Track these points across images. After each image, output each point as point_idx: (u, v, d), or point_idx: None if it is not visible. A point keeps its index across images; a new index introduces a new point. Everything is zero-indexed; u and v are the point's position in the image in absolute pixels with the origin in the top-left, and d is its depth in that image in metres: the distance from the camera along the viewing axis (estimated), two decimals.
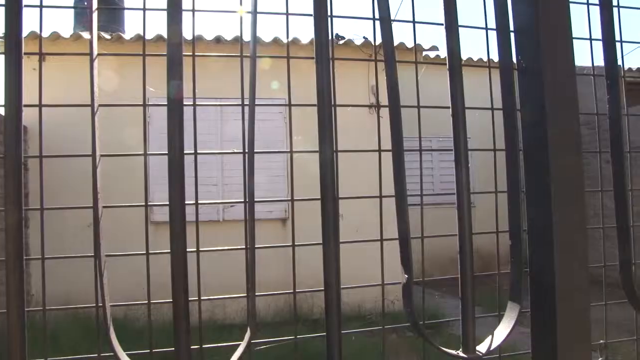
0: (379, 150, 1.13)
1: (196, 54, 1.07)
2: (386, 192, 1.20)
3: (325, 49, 0.84)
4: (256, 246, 0.91)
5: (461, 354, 0.89)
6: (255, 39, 0.86)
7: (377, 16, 0.93)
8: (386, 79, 0.87)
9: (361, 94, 6.59)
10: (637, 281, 1.15)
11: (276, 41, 7.45)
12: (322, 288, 0.83)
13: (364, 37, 6.93)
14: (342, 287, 0.91)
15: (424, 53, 7.52)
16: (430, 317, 6.31)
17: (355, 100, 5.47)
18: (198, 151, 1.20)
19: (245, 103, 1.11)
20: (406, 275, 0.87)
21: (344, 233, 1.36)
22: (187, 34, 1.10)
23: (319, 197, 1.31)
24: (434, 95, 1.37)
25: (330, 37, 0.88)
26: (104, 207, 0.92)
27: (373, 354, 4.86)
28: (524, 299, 0.96)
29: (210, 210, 7.41)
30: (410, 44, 7.82)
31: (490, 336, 0.94)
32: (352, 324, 6.08)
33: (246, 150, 0.92)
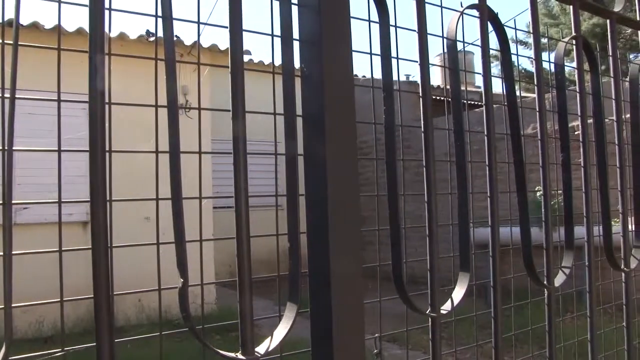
0: (156, 152, 1.10)
1: None
2: (205, 193, 1.17)
3: (100, 42, 0.80)
4: (14, 252, 0.83)
5: (240, 356, 0.90)
6: (18, 24, 0.79)
7: (159, 14, 0.90)
8: (166, 80, 0.85)
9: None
10: (407, 277, 1.26)
11: (36, 26, 7.03)
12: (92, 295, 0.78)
13: (176, 36, 6.77)
14: (115, 293, 0.87)
15: None
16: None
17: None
18: None
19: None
20: (182, 279, 0.86)
21: (150, 235, 1.31)
22: None
23: (123, 198, 1.24)
24: (265, 99, 1.37)
25: (106, 31, 0.83)
26: None
27: (180, 358, 4.76)
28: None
29: None
30: (223, 46, 7.83)
31: (269, 337, 0.96)
32: (157, 329, 5.88)
33: (6, 148, 0.84)
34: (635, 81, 1.81)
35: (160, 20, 0.90)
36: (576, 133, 1.70)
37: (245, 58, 8.41)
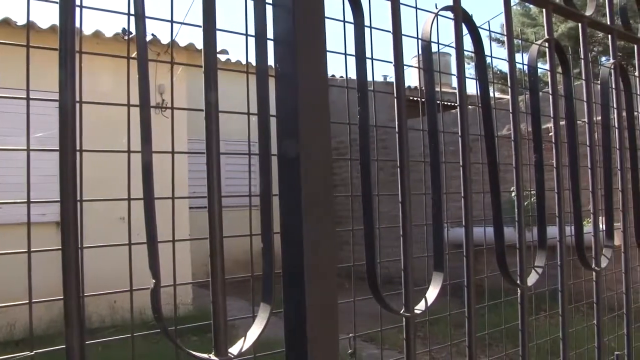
0: (128, 152, 1.08)
1: None
2: (181, 193, 1.16)
3: (70, 40, 0.79)
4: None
5: (213, 357, 0.89)
6: None
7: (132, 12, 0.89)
8: (138, 79, 0.84)
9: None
10: (383, 277, 1.27)
11: (7, 22, 6.97)
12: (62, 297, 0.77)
13: (152, 35, 6.71)
14: (85, 294, 0.86)
15: None
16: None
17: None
18: None
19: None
20: (154, 281, 0.85)
21: (125, 235, 1.30)
22: None
23: (96, 198, 1.22)
24: (242, 99, 1.37)
25: (77, 27, 0.82)
26: None
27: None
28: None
29: None
30: (199, 45, 7.78)
31: (243, 337, 0.95)
32: (130, 330, 5.84)
33: None
34: (606, 84, 1.84)
35: (133, 19, 0.89)
36: (549, 135, 1.73)
37: (223, 58, 8.38)
